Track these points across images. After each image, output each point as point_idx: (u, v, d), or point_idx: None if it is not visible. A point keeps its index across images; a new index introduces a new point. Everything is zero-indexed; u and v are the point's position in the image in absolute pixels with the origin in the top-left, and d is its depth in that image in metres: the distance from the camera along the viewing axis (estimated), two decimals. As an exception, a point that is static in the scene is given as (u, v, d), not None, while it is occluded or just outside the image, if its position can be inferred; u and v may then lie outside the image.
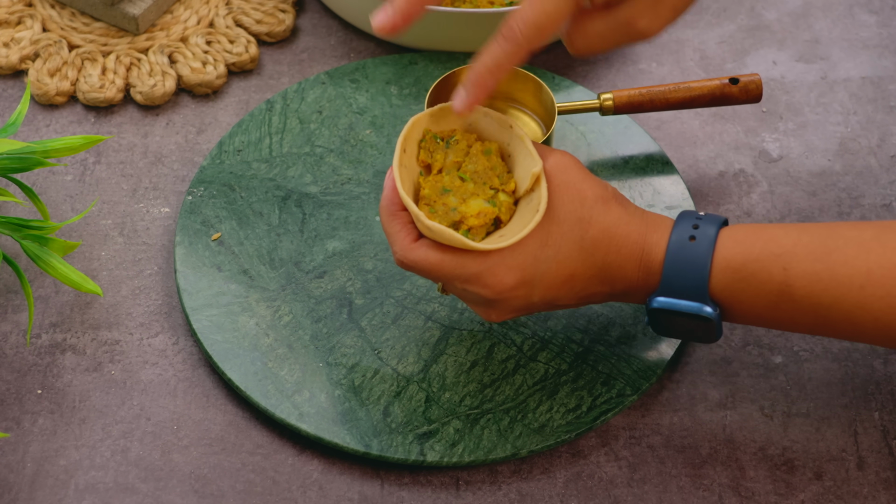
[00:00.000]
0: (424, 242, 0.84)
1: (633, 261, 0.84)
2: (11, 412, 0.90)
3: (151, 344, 0.94)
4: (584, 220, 0.83)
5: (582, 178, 0.84)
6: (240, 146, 1.03)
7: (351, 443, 0.88)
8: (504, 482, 0.88)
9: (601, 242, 0.84)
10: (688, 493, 0.88)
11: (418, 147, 0.86)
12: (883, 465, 0.89)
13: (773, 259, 0.82)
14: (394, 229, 0.84)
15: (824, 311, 0.82)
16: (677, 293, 0.83)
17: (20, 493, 0.87)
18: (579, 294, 0.85)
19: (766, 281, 0.82)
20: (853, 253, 0.81)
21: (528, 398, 0.90)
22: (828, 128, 1.08)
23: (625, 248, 0.84)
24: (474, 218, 0.84)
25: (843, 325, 0.82)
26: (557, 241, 0.83)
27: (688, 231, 0.83)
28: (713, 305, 0.83)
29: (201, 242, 0.97)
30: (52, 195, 1.02)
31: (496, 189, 0.85)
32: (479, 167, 0.86)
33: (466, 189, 0.85)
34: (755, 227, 0.84)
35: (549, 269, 0.84)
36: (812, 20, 1.16)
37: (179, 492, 0.87)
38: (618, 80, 1.10)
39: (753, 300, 0.83)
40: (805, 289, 0.81)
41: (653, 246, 0.84)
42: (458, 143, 0.86)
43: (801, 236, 0.82)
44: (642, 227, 0.84)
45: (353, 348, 0.92)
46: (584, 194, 0.84)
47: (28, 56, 1.09)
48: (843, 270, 0.81)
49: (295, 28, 1.14)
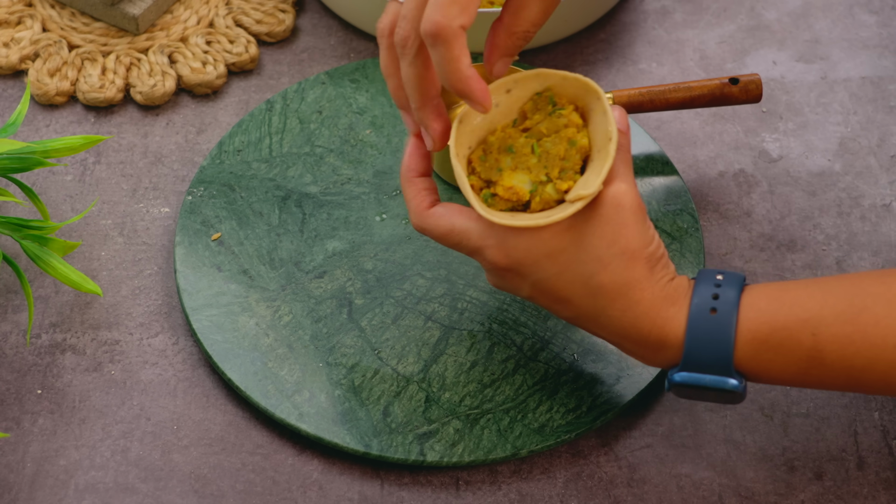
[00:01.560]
0: (438, 211, 0.83)
1: (639, 330, 0.81)
2: (11, 412, 0.90)
3: (151, 344, 0.94)
4: (602, 261, 0.80)
5: (628, 224, 0.80)
6: (240, 146, 1.03)
7: (351, 443, 0.88)
8: (504, 482, 0.88)
9: (608, 292, 0.80)
10: (688, 493, 0.88)
11: (531, 97, 0.84)
12: (883, 465, 0.89)
13: (800, 325, 0.79)
14: (409, 195, 0.85)
15: (857, 374, 0.79)
16: (700, 368, 0.80)
17: (20, 493, 0.87)
18: (569, 318, 0.83)
19: (795, 348, 0.79)
20: (883, 312, 0.78)
21: (528, 398, 0.90)
22: (828, 128, 1.08)
23: (630, 311, 0.80)
24: (504, 189, 0.82)
25: (878, 384, 0.80)
26: (565, 263, 0.81)
27: (708, 302, 0.80)
28: (738, 378, 0.81)
29: (201, 242, 0.97)
30: (52, 195, 1.02)
31: (550, 179, 0.82)
32: (554, 150, 0.82)
33: (527, 161, 0.82)
34: (776, 289, 0.81)
35: (546, 279, 0.82)
36: (812, 20, 1.16)
37: (179, 492, 0.87)
38: (618, 80, 1.10)
39: (782, 367, 0.80)
40: (836, 353, 0.79)
41: (668, 321, 0.80)
42: (560, 118, 0.83)
43: (827, 297, 0.79)
44: (658, 297, 0.80)
45: (353, 348, 0.92)
46: (618, 240, 0.80)
47: (28, 56, 1.09)
48: (875, 331, 0.78)
49: (295, 28, 1.14)
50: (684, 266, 0.97)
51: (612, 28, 1.14)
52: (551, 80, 0.84)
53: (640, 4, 1.16)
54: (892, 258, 1.00)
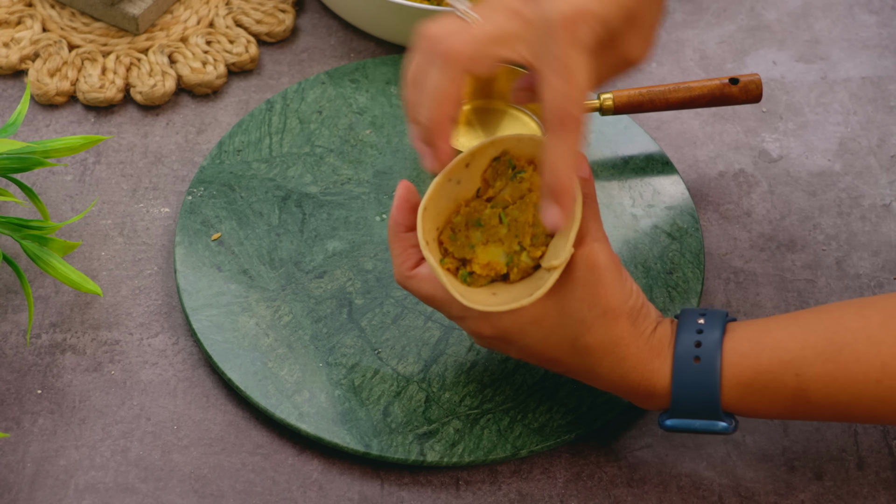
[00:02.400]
0: (421, 274, 0.84)
1: (630, 382, 0.82)
2: (11, 412, 0.90)
3: (151, 344, 0.94)
4: (585, 323, 0.81)
5: (606, 283, 0.81)
6: (240, 146, 1.03)
7: (351, 443, 0.88)
8: (504, 482, 0.88)
9: (595, 352, 0.82)
10: (688, 493, 0.88)
11: (490, 164, 0.84)
12: (883, 465, 0.89)
13: (783, 367, 0.80)
14: (395, 251, 0.85)
15: (843, 409, 0.81)
16: (689, 413, 0.82)
17: (20, 493, 0.87)
18: (561, 372, 0.85)
19: (780, 390, 0.81)
20: (863, 348, 0.79)
21: (528, 398, 0.90)
22: (828, 128, 1.08)
23: (619, 367, 0.82)
24: (480, 267, 0.83)
25: (865, 416, 0.81)
26: (550, 328, 0.82)
27: (690, 351, 0.81)
28: (728, 419, 0.82)
29: (201, 242, 0.97)
30: (52, 195, 1.02)
31: (524, 248, 0.83)
32: (522, 218, 0.83)
33: (497, 233, 0.83)
34: (758, 330, 0.82)
35: (533, 344, 0.83)
36: (812, 20, 1.16)
37: (179, 492, 0.87)
38: (618, 80, 1.10)
39: (769, 407, 0.82)
40: (820, 391, 0.80)
41: (654, 372, 0.82)
42: (522, 183, 0.83)
43: (808, 337, 0.81)
44: (644, 351, 0.82)
45: (353, 348, 0.92)
46: (598, 300, 0.81)
47: (28, 56, 1.09)
48: (857, 368, 0.79)
49: (295, 28, 1.14)
50: (684, 266, 0.97)
51: (612, 28, 1.14)
52: (506, 143, 0.84)
53: (640, 4, 1.16)
54: (892, 258, 1.00)
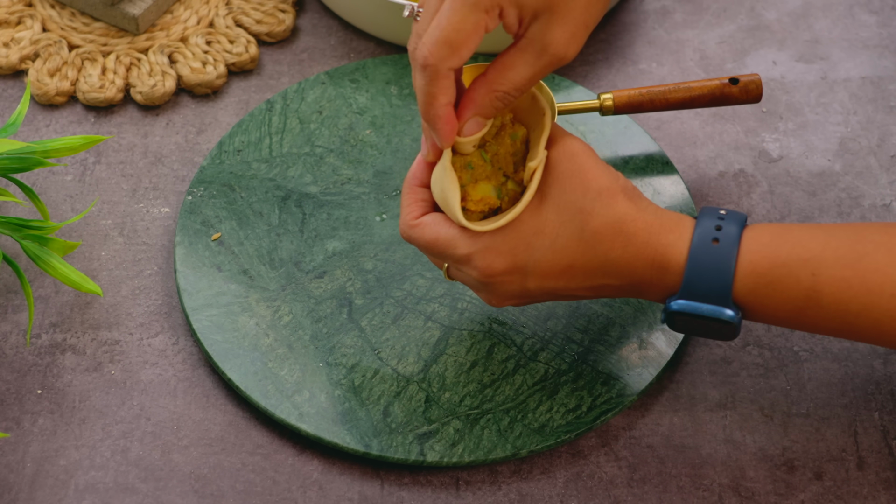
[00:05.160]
0: (425, 221, 0.84)
1: (644, 259, 0.82)
2: (11, 412, 0.90)
3: (151, 344, 0.94)
4: (585, 210, 0.81)
5: (589, 168, 0.82)
6: (240, 146, 1.03)
7: (351, 443, 0.88)
8: (504, 482, 0.88)
9: (604, 236, 0.81)
10: (688, 493, 0.88)
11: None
12: (883, 465, 0.89)
13: (800, 264, 0.80)
14: (404, 202, 0.86)
15: (852, 318, 0.80)
16: (699, 297, 0.81)
17: (20, 493, 0.87)
18: (583, 285, 0.84)
19: (793, 286, 0.80)
20: (884, 260, 0.79)
21: (528, 398, 0.90)
22: (828, 128, 1.08)
23: (632, 245, 0.82)
24: (474, 203, 0.84)
25: (870, 331, 0.80)
26: (554, 230, 0.82)
27: (710, 233, 0.81)
28: (735, 309, 0.81)
29: (201, 242, 0.97)
30: (52, 195, 1.02)
31: (508, 176, 0.84)
32: (502, 150, 0.84)
33: (484, 170, 0.84)
34: (780, 228, 0.82)
35: (543, 257, 0.82)
36: (812, 20, 1.16)
37: (179, 492, 0.87)
38: (618, 80, 1.10)
39: (778, 304, 0.81)
40: (833, 295, 0.79)
41: (668, 247, 0.81)
42: (496, 120, 0.85)
43: (830, 240, 0.80)
44: (654, 225, 0.82)
45: (353, 348, 0.92)
46: (589, 184, 0.81)
47: (28, 56, 1.09)
48: (874, 278, 0.79)
49: (295, 28, 1.14)
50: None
51: (612, 28, 1.14)
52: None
53: (640, 4, 1.16)
54: (892, 258, 1.00)
